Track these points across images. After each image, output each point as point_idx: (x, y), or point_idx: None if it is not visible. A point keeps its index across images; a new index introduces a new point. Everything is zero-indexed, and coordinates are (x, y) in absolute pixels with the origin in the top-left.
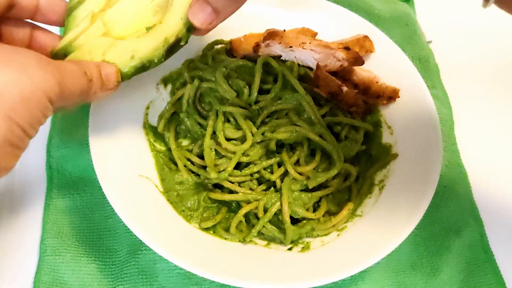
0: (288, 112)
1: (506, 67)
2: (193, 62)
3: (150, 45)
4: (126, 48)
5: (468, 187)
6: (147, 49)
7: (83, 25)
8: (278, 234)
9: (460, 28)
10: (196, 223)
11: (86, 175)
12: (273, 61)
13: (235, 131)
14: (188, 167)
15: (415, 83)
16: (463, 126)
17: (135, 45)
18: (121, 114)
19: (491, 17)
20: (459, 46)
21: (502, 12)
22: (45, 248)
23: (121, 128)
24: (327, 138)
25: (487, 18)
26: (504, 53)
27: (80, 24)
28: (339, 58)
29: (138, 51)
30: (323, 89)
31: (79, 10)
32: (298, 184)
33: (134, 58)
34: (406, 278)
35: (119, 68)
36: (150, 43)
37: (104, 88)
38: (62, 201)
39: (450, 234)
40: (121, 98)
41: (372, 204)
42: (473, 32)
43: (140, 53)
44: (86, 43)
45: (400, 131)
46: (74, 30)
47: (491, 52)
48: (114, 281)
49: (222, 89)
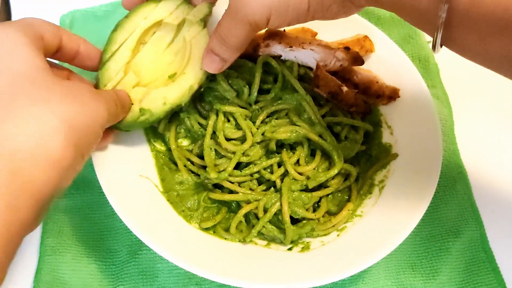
0: (288, 112)
1: None
2: None
3: (178, 93)
4: (158, 96)
5: (468, 187)
6: (175, 96)
7: (117, 77)
8: (278, 234)
9: None
10: (196, 223)
11: (86, 175)
12: (273, 61)
13: (235, 131)
14: (188, 167)
15: (415, 83)
16: (463, 126)
17: (165, 93)
18: None
19: None
20: None
21: None
22: (45, 248)
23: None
24: (327, 138)
25: None
26: None
27: (114, 77)
28: (339, 58)
29: (168, 98)
30: (323, 89)
31: (111, 62)
32: (298, 184)
33: (166, 104)
34: (406, 279)
35: (154, 112)
36: (178, 90)
37: (123, 110)
38: (62, 201)
39: (450, 234)
40: None
41: (372, 204)
42: None
43: (170, 100)
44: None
45: (400, 131)
46: (111, 83)
47: None
48: (114, 281)
49: (222, 89)
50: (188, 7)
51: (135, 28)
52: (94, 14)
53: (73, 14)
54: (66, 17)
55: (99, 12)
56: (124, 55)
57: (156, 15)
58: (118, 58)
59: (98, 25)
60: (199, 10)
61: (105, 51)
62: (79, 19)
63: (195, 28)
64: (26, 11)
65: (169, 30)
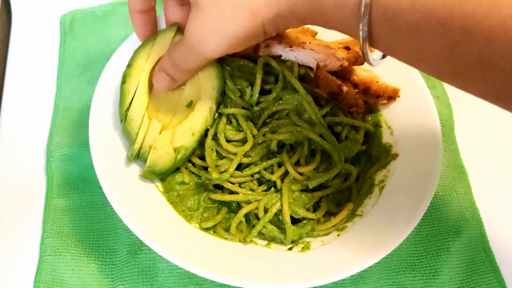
0: (289, 113)
1: None
2: None
3: (201, 119)
4: (185, 130)
5: (468, 187)
6: (200, 122)
7: (145, 125)
8: (278, 234)
9: None
10: (196, 223)
11: (86, 175)
12: (273, 61)
13: (236, 133)
14: (189, 169)
15: (415, 83)
16: (463, 126)
17: (190, 124)
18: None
19: None
20: None
21: None
22: (45, 248)
23: (121, 128)
24: (327, 138)
25: None
26: None
27: (142, 125)
28: (339, 58)
29: (194, 127)
30: (323, 89)
31: (131, 112)
32: (298, 184)
33: (195, 134)
34: (406, 278)
35: (187, 146)
36: (201, 117)
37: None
38: (62, 201)
39: (450, 234)
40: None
41: (372, 204)
42: None
43: (197, 128)
44: (155, 142)
45: (400, 131)
46: (141, 133)
47: None
48: (114, 281)
49: (227, 88)
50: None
51: (142, 73)
52: (94, 14)
53: (73, 14)
54: (66, 17)
55: (99, 12)
56: (142, 100)
57: (155, 53)
58: (137, 106)
59: (98, 25)
60: None
61: (121, 105)
62: (79, 19)
63: None
64: (27, 11)
65: None
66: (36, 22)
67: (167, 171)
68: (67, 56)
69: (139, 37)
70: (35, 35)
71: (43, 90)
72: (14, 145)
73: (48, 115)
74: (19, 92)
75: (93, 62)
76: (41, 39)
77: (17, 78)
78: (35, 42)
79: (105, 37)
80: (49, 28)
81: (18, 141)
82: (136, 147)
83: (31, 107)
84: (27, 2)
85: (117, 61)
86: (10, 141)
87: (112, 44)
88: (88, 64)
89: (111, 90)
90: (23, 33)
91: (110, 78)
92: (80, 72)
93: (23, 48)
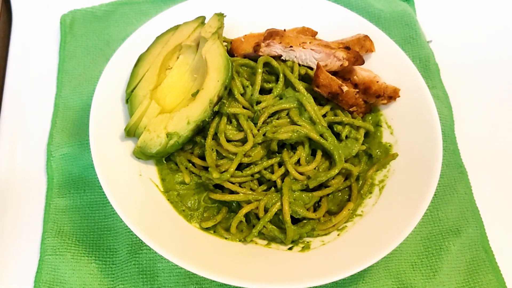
0: (289, 112)
1: (506, 67)
2: None
3: (199, 109)
4: (181, 117)
5: (468, 187)
6: (198, 113)
7: (144, 104)
8: (278, 234)
9: (460, 28)
10: (197, 223)
11: (86, 175)
12: (274, 61)
13: (236, 133)
14: (190, 169)
15: (415, 83)
16: (463, 126)
17: (188, 112)
18: (121, 114)
19: (491, 17)
20: (459, 46)
21: (502, 12)
22: (45, 248)
23: (121, 128)
24: (328, 137)
25: (487, 18)
26: (504, 53)
27: (140, 104)
28: (339, 58)
29: (191, 116)
30: (323, 88)
31: (137, 89)
32: (298, 184)
33: (190, 123)
34: (406, 278)
35: (181, 134)
36: (199, 107)
37: None
38: (63, 201)
39: (450, 234)
40: (122, 99)
41: (372, 204)
42: (473, 32)
43: (193, 117)
44: (149, 123)
45: (400, 131)
46: (138, 111)
47: (491, 52)
48: (114, 281)
49: (233, 82)
50: (203, 26)
51: (155, 57)
52: (94, 14)
53: (73, 14)
54: (66, 17)
55: (99, 12)
56: (150, 80)
57: (174, 40)
58: (144, 85)
59: (98, 25)
60: (210, 25)
61: (128, 86)
62: (79, 19)
63: (209, 42)
64: (27, 11)
65: (191, 52)
66: (36, 22)
67: (157, 154)
68: (67, 56)
69: None
70: (35, 35)
71: (43, 90)
72: (14, 145)
73: (48, 114)
74: (19, 92)
75: (93, 61)
76: (41, 39)
77: (17, 78)
78: (35, 42)
79: (105, 36)
80: (49, 28)
81: (19, 140)
82: (130, 123)
83: (32, 106)
84: (27, 2)
85: (118, 60)
86: (10, 141)
87: (112, 44)
88: (88, 63)
89: (112, 89)
90: (23, 33)
91: (111, 77)
92: (80, 71)
93: (24, 48)
